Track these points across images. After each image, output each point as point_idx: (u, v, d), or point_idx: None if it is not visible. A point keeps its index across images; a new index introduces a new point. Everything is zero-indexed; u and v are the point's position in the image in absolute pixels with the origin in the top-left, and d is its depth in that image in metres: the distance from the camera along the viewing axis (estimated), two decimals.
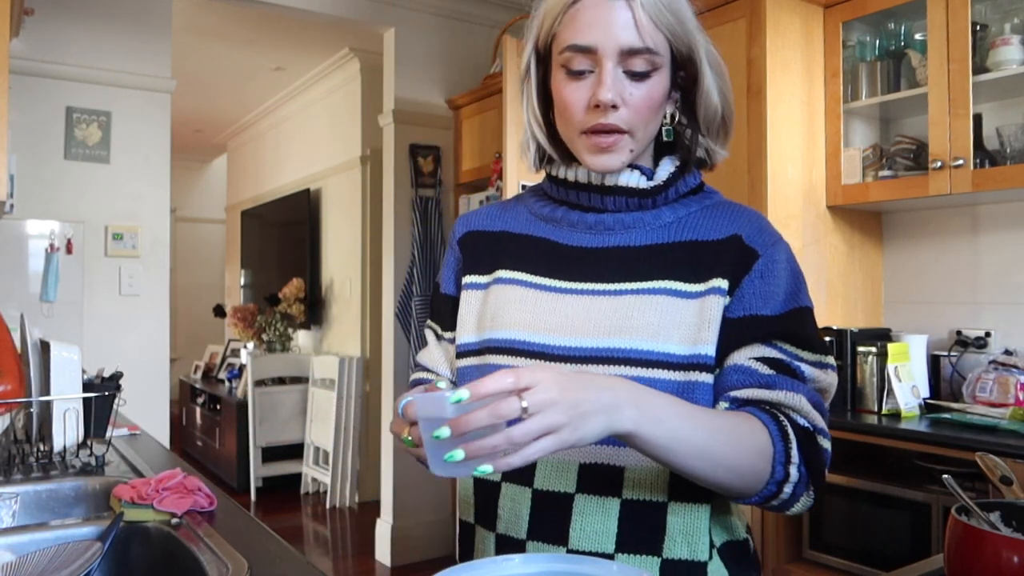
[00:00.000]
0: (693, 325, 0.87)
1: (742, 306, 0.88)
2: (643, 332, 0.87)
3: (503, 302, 0.95)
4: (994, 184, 2.11)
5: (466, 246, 1.04)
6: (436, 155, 3.80)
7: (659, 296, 0.88)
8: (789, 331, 0.88)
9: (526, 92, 0.98)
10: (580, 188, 0.95)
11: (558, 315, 0.91)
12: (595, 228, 0.95)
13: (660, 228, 0.94)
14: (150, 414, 3.28)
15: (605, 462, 0.87)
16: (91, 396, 1.61)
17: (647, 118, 0.90)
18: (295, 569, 1.01)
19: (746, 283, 0.89)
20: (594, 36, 0.86)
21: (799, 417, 0.85)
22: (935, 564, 1.01)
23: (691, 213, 0.94)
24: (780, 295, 0.89)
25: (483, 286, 0.99)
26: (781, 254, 0.91)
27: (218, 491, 1.29)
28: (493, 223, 1.04)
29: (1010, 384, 2.17)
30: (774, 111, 2.36)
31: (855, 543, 2.14)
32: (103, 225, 3.31)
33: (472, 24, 3.91)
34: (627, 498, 0.86)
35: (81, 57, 3.26)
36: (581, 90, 0.88)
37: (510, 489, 0.91)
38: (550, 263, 0.95)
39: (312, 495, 5.04)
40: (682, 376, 0.86)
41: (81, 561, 1.04)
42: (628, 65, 0.87)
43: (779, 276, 0.89)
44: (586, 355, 0.88)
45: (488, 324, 0.95)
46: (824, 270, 2.51)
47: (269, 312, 5.47)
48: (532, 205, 1.02)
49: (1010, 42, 2.12)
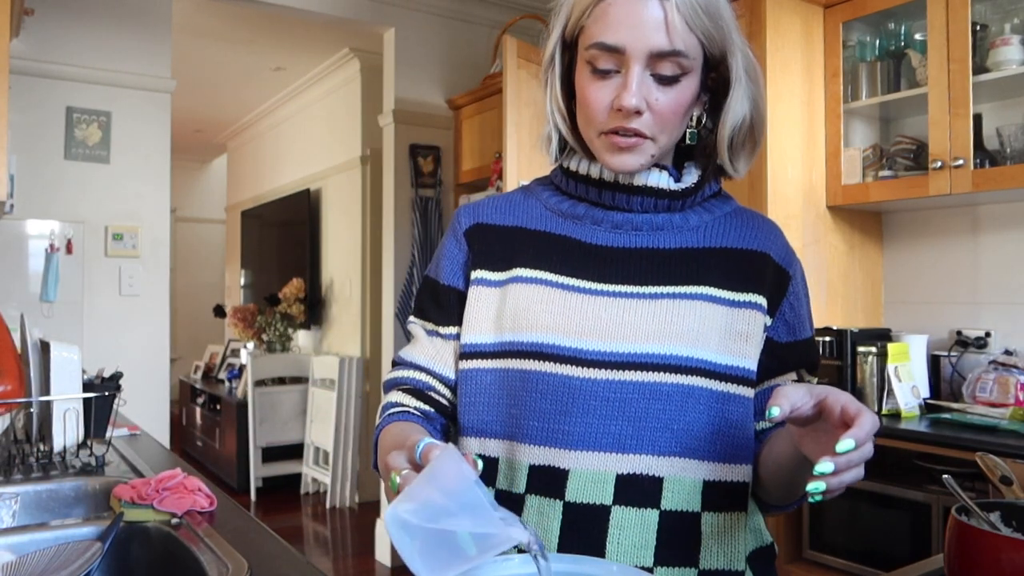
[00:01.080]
0: (731, 333, 0.87)
1: (787, 330, 0.93)
2: (683, 338, 0.85)
3: (526, 302, 0.88)
4: (994, 184, 2.11)
5: (475, 239, 0.96)
6: (436, 155, 3.80)
7: (698, 302, 0.87)
8: (811, 359, 0.96)
9: (550, 82, 0.92)
10: (604, 186, 0.91)
11: (590, 318, 0.86)
12: (622, 227, 0.91)
13: (689, 232, 0.91)
14: (150, 414, 3.28)
15: (644, 472, 0.84)
16: (91, 396, 1.61)
17: (672, 124, 0.86)
18: (295, 569, 1.01)
19: (785, 306, 0.93)
20: (623, 36, 0.81)
21: None
22: (935, 564, 1.01)
23: (716, 219, 0.93)
24: (806, 318, 0.95)
25: (498, 283, 0.92)
26: (800, 273, 0.96)
27: (218, 491, 1.29)
28: (504, 217, 0.97)
29: (1010, 384, 2.17)
30: (774, 111, 2.36)
31: (855, 543, 2.14)
32: (103, 225, 3.31)
33: (472, 24, 3.91)
34: (665, 509, 0.84)
35: (81, 57, 3.26)
36: (605, 90, 0.84)
37: (537, 502, 0.86)
38: (575, 262, 0.90)
39: (312, 495, 5.04)
40: (720, 386, 0.86)
41: (81, 561, 1.04)
42: (656, 68, 0.83)
43: (803, 298, 0.96)
44: (622, 361, 0.84)
45: (509, 325, 0.89)
46: (824, 270, 2.51)
47: (269, 312, 5.47)
48: (547, 200, 0.96)
49: (1010, 42, 2.12)
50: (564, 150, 0.96)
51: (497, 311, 0.91)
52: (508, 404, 0.88)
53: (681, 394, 0.84)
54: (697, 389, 0.84)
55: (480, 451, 0.90)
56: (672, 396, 0.84)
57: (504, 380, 0.89)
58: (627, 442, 0.84)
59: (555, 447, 0.85)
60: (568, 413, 0.84)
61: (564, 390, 0.85)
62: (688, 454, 0.85)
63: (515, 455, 0.87)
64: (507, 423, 0.88)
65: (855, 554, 2.13)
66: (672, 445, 0.84)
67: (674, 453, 0.84)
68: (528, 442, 0.86)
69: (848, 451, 0.67)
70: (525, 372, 0.87)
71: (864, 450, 0.68)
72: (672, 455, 0.84)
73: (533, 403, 0.86)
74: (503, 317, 0.90)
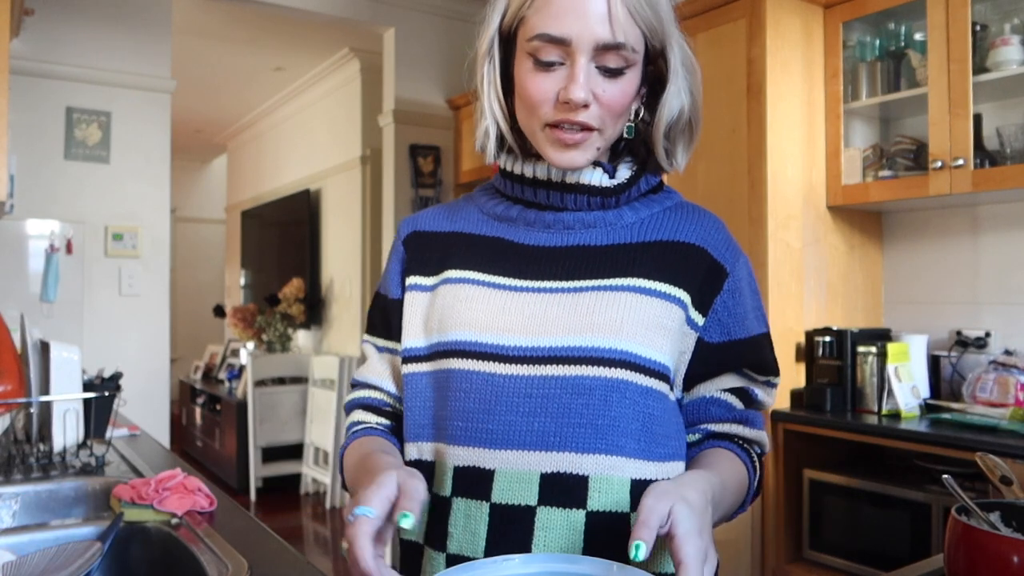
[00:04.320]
0: (655, 326, 0.84)
1: (721, 330, 0.89)
2: (605, 330, 0.82)
3: (451, 301, 0.87)
4: (994, 184, 2.11)
5: (411, 246, 0.95)
6: (436, 155, 3.80)
7: (623, 293, 0.84)
8: (756, 359, 0.92)
9: (487, 76, 0.89)
10: (539, 185, 0.89)
11: (513, 314, 0.84)
12: (554, 227, 0.90)
13: (623, 228, 0.89)
14: (150, 414, 3.28)
15: (568, 471, 0.81)
16: (91, 396, 1.61)
17: (618, 116, 0.84)
18: (295, 569, 1.01)
19: (719, 304, 0.89)
20: (568, 27, 0.79)
21: (759, 448, 0.94)
22: (935, 564, 1.01)
23: (653, 214, 0.91)
24: (749, 316, 0.92)
25: (429, 288, 0.91)
26: (744, 269, 0.92)
27: (218, 491, 1.29)
28: (441, 224, 0.96)
29: (1010, 384, 2.17)
30: (774, 111, 2.36)
31: (855, 543, 2.14)
32: (103, 225, 3.31)
33: (472, 24, 3.88)
34: (592, 509, 0.81)
35: (81, 57, 3.26)
36: (549, 82, 0.82)
37: (464, 504, 0.83)
38: (505, 262, 0.89)
39: (312, 495, 5.04)
40: (645, 380, 0.83)
41: (81, 561, 1.04)
42: (602, 60, 0.81)
43: (745, 295, 0.91)
44: (544, 355, 0.82)
45: (436, 327, 0.87)
46: (824, 270, 2.51)
47: (269, 312, 5.47)
48: (484, 204, 0.95)
49: (1010, 42, 2.12)
50: (503, 147, 0.93)
51: (427, 314, 0.90)
52: (438, 406, 0.87)
53: (604, 388, 0.81)
54: (621, 383, 0.82)
55: (417, 456, 0.88)
56: (595, 390, 0.81)
57: (435, 382, 0.88)
58: (550, 439, 0.81)
59: (479, 447, 0.83)
60: (491, 411, 0.82)
61: (487, 388, 0.83)
62: (614, 451, 0.82)
63: (442, 457, 0.85)
64: (436, 425, 0.87)
65: (855, 554, 2.13)
66: (596, 442, 0.81)
67: (599, 450, 0.81)
68: (453, 443, 0.84)
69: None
70: (450, 372, 0.85)
71: None
72: (597, 452, 0.81)
73: (458, 403, 0.84)
74: (431, 319, 0.89)
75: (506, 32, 0.88)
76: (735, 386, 0.92)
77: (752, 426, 0.93)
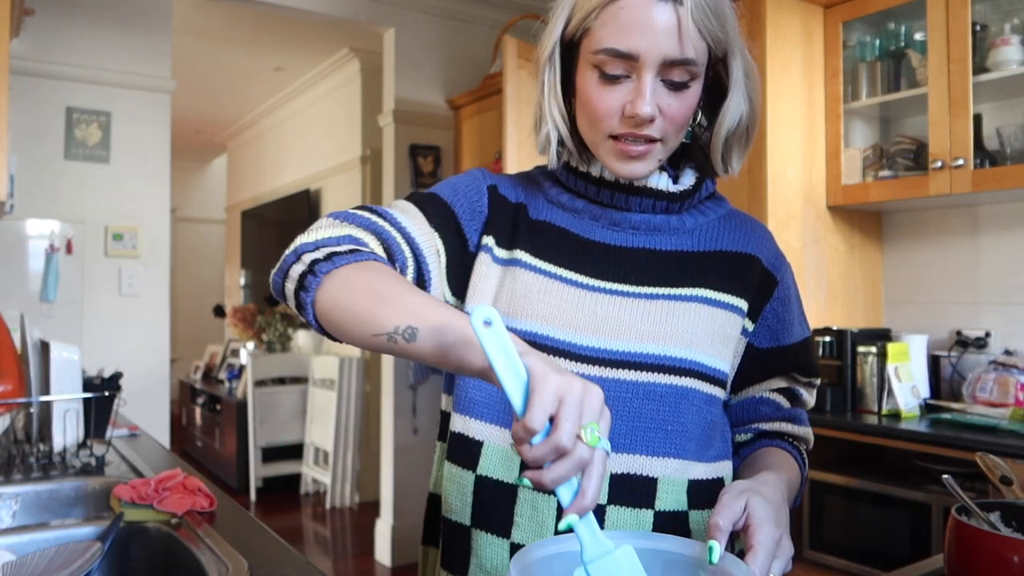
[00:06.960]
0: (720, 337, 0.88)
1: (770, 336, 0.94)
2: (678, 340, 0.85)
3: (524, 289, 0.87)
4: (994, 184, 2.11)
5: (493, 201, 0.93)
6: (436, 155, 3.80)
7: (693, 304, 0.87)
8: (802, 363, 0.96)
9: (548, 82, 0.88)
10: (604, 185, 0.90)
11: (585, 313, 0.86)
12: (620, 225, 0.91)
13: (685, 234, 0.92)
14: (150, 414, 3.28)
15: (638, 472, 0.84)
16: (91, 396, 1.61)
17: (680, 128, 0.85)
18: (295, 569, 1.00)
19: (768, 312, 0.93)
20: (636, 42, 0.79)
21: (806, 444, 0.99)
22: (935, 564, 1.01)
23: (710, 222, 0.94)
24: (795, 322, 0.95)
25: (501, 261, 0.90)
26: (790, 277, 0.96)
27: (218, 491, 1.29)
28: (511, 191, 0.94)
29: (1010, 384, 2.17)
30: (774, 111, 2.36)
31: (855, 543, 2.14)
32: (103, 225, 3.31)
33: (472, 24, 3.91)
34: (660, 509, 0.84)
35: (81, 57, 3.26)
36: (614, 96, 0.82)
37: (530, 496, 0.84)
38: (573, 256, 0.89)
39: (312, 495, 5.04)
40: (710, 389, 0.87)
41: (81, 561, 1.04)
42: (667, 75, 0.81)
43: (792, 302, 0.96)
44: (614, 359, 0.84)
45: (505, 309, 0.87)
46: (824, 270, 2.51)
47: (269, 312, 5.47)
48: (547, 190, 0.95)
49: (1010, 42, 2.12)
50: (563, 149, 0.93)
51: (496, 290, 0.89)
52: (498, 391, 0.87)
53: (675, 395, 0.85)
54: (690, 391, 0.85)
55: (462, 431, 0.89)
56: (666, 397, 0.84)
57: None
58: (621, 441, 0.84)
59: None
60: None
61: None
62: (680, 455, 0.86)
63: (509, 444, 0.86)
64: (499, 409, 0.87)
65: (855, 554, 2.13)
66: (666, 446, 0.85)
67: (667, 454, 0.85)
68: None
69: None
70: None
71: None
72: (666, 456, 0.85)
73: None
74: (500, 299, 0.88)
75: (569, 40, 0.87)
76: (781, 386, 0.97)
77: (800, 423, 0.98)
